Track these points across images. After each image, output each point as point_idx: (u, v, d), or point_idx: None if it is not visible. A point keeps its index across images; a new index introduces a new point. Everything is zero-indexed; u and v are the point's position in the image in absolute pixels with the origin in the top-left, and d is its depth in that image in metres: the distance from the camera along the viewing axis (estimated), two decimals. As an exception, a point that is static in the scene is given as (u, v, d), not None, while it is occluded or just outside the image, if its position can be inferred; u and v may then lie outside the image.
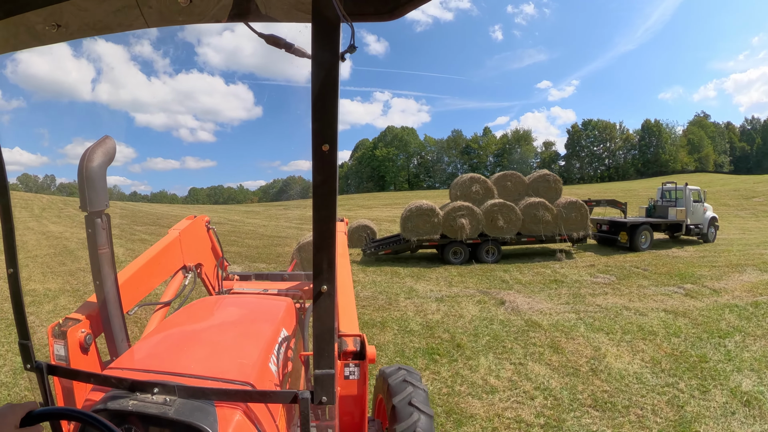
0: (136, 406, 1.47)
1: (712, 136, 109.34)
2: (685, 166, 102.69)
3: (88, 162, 1.98)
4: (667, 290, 10.36)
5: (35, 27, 1.40)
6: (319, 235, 1.26)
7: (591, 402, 5.09)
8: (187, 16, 1.30)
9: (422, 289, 10.85)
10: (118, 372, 1.76)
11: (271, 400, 1.58)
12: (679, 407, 4.96)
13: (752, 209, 36.04)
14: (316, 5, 1.07)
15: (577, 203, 15.48)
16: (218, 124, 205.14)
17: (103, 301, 2.15)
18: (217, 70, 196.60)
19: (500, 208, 14.63)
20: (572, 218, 15.35)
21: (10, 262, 1.74)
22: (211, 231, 3.90)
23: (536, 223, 14.90)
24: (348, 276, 3.16)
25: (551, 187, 15.81)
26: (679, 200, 18.37)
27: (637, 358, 6.34)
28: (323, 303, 1.31)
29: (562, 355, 6.47)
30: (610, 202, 18.35)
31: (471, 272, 12.96)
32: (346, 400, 2.09)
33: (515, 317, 8.34)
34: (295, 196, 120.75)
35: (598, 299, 9.65)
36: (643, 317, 8.24)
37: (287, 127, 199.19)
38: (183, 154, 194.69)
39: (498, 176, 16.15)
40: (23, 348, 1.77)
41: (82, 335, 2.20)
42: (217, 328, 2.47)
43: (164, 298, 3.15)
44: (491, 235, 14.52)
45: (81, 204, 1.99)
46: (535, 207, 14.95)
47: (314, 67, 1.11)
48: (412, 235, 14.30)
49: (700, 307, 8.80)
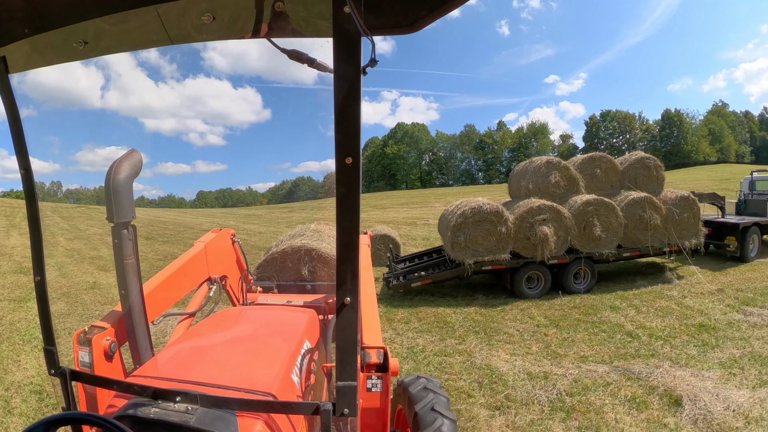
0: (157, 413, 1.50)
1: (732, 126, 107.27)
2: (707, 156, 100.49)
3: (115, 174, 2.04)
4: None
5: (63, 44, 1.49)
6: (342, 247, 1.26)
7: None
8: (210, 34, 1.36)
9: (508, 367, 6.01)
10: (140, 380, 1.79)
11: (292, 411, 1.59)
12: None
13: None
14: (337, 20, 1.09)
15: (688, 198, 10.74)
16: (228, 127, 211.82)
17: (128, 310, 2.19)
18: (225, 74, 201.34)
19: (596, 208, 9.87)
20: (684, 220, 10.64)
21: (37, 270, 1.79)
22: (236, 244, 3.97)
23: (642, 230, 10.11)
24: (371, 288, 3.14)
25: (652, 176, 10.96)
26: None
27: None
28: (346, 315, 1.31)
29: None
30: (711, 196, 14.03)
31: (566, 315, 8.21)
32: (369, 412, 2.08)
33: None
34: (303, 197, 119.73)
35: None
36: None
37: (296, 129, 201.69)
38: (193, 158, 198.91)
39: (583, 160, 11.14)
40: (48, 353, 1.82)
41: (107, 343, 2.23)
42: (240, 338, 2.49)
43: (189, 309, 3.17)
44: (584, 251, 9.87)
45: (108, 215, 2.05)
46: (640, 205, 10.18)
47: (336, 81, 1.13)
48: (468, 256, 9.35)
49: None
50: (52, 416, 1.28)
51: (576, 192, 10.24)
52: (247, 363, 2.01)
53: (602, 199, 9.74)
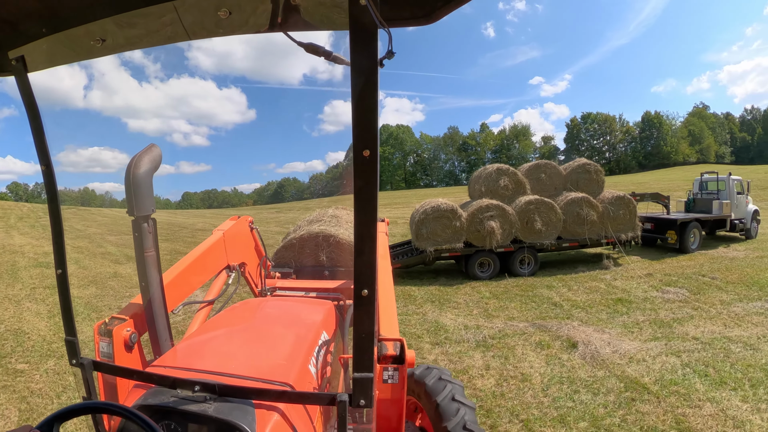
0: (176, 402, 1.53)
1: (712, 127, 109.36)
2: (686, 157, 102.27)
3: (135, 169, 2.05)
4: (756, 307, 8.48)
5: (81, 42, 1.51)
6: (360, 239, 1.26)
7: None
8: (227, 28, 1.36)
9: (452, 323, 7.90)
10: (159, 370, 1.80)
11: (309, 401, 1.66)
12: None
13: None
14: (353, 12, 1.09)
15: (624, 198, 12.68)
16: (212, 128, 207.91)
17: (149, 301, 2.21)
18: (209, 74, 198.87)
19: (537, 206, 11.73)
20: (620, 216, 12.54)
21: (59, 264, 1.85)
22: (254, 231, 3.99)
23: (579, 224, 12.04)
24: (389, 278, 3.08)
25: (592, 179, 12.95)
26: (721, 192, 16.48)
27: None
28: (364, 306, 1.32)
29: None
30: (654, 196, 15.83)
31: (507, 291, 10.14)
32: (384, 403, 2.08)
33: (602, 372, 5.62)
34: (290, 198, 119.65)
35: (688, 327, 7.36)
36: (758, 353, 6.28)
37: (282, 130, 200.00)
38: (177, 158, 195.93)
39: (530, 167, 13.17)
40: (69, 344, 1.87)
41: (127, 334, 2.26)
42: (258, 329, 2.51)
43: (208, 297, 3.17)
44: (527, 241, 11.63)
45: (128, 209, 2.07)
46: (578, 204, 12.08)
47: (353, 74, 1.13)
48: (429, 245, 11.31)
49: None
50: (72, 405, 1.31)
51: (523, 193, 12.14)
52: (264, 354, 2.05)
53: (542, 199, 11.64)
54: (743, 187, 16.76)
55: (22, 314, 9.06)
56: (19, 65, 1.57)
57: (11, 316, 8.89)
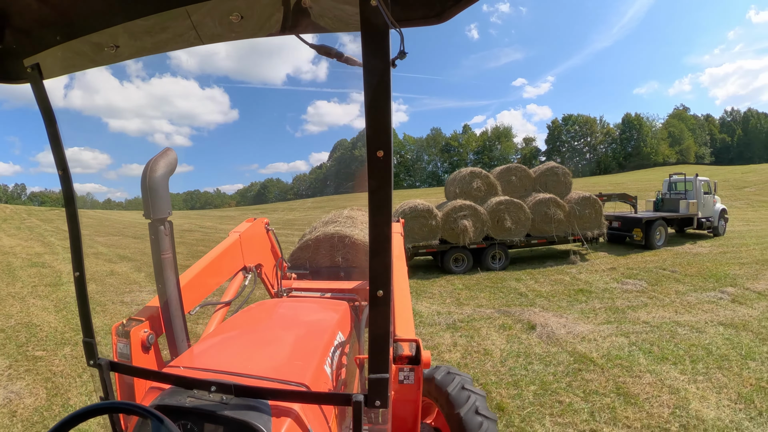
0: (192, 402, 1.54)
1: (692, 129, 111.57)
2: (666, 158, 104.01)
3: (151, 172, 2.07)
4: (709, 296, 9.21)
5: (95, 49, 1.52)
6: (375, 240, 1.26)
7: None
8: (240, 32, 1.36)
9: (426, 310, 8.79)
10: (176, 370, 1.83)
11: (325, 401, 1.68)
12: None
13: (746, 199, 36.13)
14: (365, 14, 1.09)
15: (590, 198, 13.68)
16: (194, 128, 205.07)
17: (165, 302, 2.22)
18: (192, 73, 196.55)
19: (507, 206, 12.64)
20: (586, 215, 13.54)
21: (76, 266, 1.87)
22: (270, 232, 4.02)
23: (547, 223, 13.02)
24: (404, 279, 3.07)
25: (560, 181, 13.95)
26: (689, 192, 17.40)
27: (723, 398, 5.09)
28: (379, 307, 1.32)
29: (637, 406, 4.88)
30: (621, 196, 16.84)
31: (479, 283, 11.02)
32: (400, 404, 2.06)
33: (556, 349, 6.47)
34: (273, 199, 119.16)
35: (641, 313, 8.16)
36: (702, 335, 6.95)
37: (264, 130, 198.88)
38: None
39: (501, 170, 14.13)
40: (87, 345, 1.88)
41: (145, 335, 2.28)
42: (274, 330, 2.53)
43: (225, 298, 3.21)
44: (498, 238, 12.54)
45: (145, 212, 2.09)
46: (545, 204, 13.04)
47: (366, 75, 1.13)
48: (407, 242, 12.02)
49: (756, 317, 7.76)
50: (90, 405, 1.31)
51: (494, 194, 13.09)
52: (280, 354, 2.07)
53: (512, 200, 12.59)
54: (710, 188, 17.65)
55: (29, 309, 9.45)
56: (34, 73, 1.60)
57: (19, 311, 9.31)
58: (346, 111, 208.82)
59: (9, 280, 12.52)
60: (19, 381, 5.92)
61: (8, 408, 5.21)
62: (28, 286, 11.69)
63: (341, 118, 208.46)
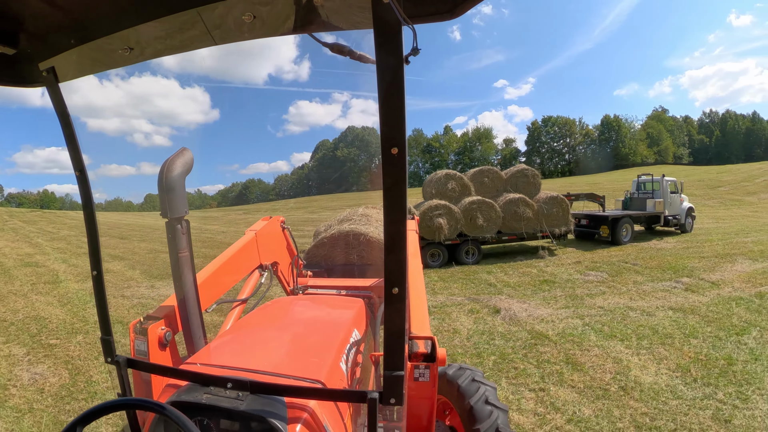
0: (209, 399, 1.54)
1: (671, 130, 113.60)
2: (644, 158, 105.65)
3: (168, 172, 2.10)
4: (665, 285, 9.95)
5: (109, 51, 1.54)
6: (390, 237, 1.26)
7: (635, 430, 4.42)
8: (253, 32, 1.37)
9: (401, 299, 9.64)
10: (193, 367, 1.83)
11: (340, 398, 1.64)
12: (727, 421, 4.52)
13: (719, 198, 37.01)
14: (377, 11, 1.09)
15: (557, 198, 14.75)
16: (174, 128, 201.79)
17: (182, 300, 2.23)
18: (172, 72, 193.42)
19: (479, 205, 13.61)
20: (553, 214, 14.62)
21: (94, 265, 1.89)
22: (286, 230, 4.03)
23: (517, 221, 14.06)
24: (420, 276, 3.09)
25: (530, 182, 15.02)
26: (656, 192, 18.35)
27: (663, 367, 5.77)
28: (394, 305, 1.32)
29: (583, 372, 5.67)
30: (589, 196, 17.84)
31: (453, 276, 11.92)
32: (415, 401, 2.09)
33: (516, 328, 7.37)
34: (254, 200, 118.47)
35: (598, 300, 9.00)
36: (652, 317, 7.70)
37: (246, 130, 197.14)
38: (138, 159, 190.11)
39: (474, 172, 15.15)
40: (105, 343, 1.92)
41: (162, 332, 2.33)
42: (290, 327, 2.52)
43: (241, 296, 3.24)
44: (471, 235, 13.50)
45: (162, 211, 2.11)
46: (515, 203, 14.08)
47: (379, 72, 1.13)
48: None
49: (706, 303, 8.45)
50: (108, 401, 1.34)
51: (468, 195, 14.07)
52: (296, 351, 2.06)
53: (484, 199, 13.60)
54: (677, 187, 18.58)
55: (34, 305, 9.75)
56: (50, 76, 1.62)
57: (24, 306, 9.62)
58: (328, 111, 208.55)
59: (6, 279, 12.75)
60: (40, 365, 6.36)
61: (36, 386, 5.68)
62: (27, 284, 11.94)
63: (323, 119, 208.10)
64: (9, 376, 6.05)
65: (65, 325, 8.28)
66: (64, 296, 10.62)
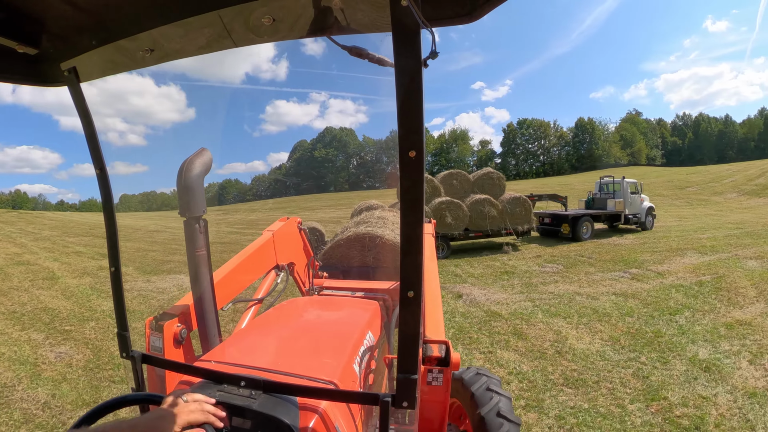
0: (222, 396, 1.52)
1: (644, 132, 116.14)
2: (618, 160, 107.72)
3: (187, 172, 2.14)
4: (613, 275, 10.92)
5: (130, 52, 1.52)
6: (406, 240, 1.26)
7: (563, 381, 5.33)
8: (272, 35, 1.34)
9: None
10: (207, 364, 1.84)
11: (353, 400, 1.65)
12: (645, 378, 5.30)
13: (686, 198, 38.18)
14: (395, 14, 1.07)
15: (520, 198, 16.08)
16: (149, 126, 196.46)
17: (199, 298, 2.26)
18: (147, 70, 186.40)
19: (448, 205, 14.79)
20: (517, 213, 15.93)
21: (112, 261, 1.92)
22: (302, 232, 4.06)
23: (483, 219, 15.30)
24: (435, 280, 3.04)
25: (495, 184, 16.35)
26: (616, 192, 19.49)
27: (596, 338, 6.68)
28: (409, 308, 1.32)
29: (527, 340, 6.71)
30: (552, 197, 19.15)
31: (423, 269, 13.05)
32: (428, 405, 2.03)
33: (475, 309, 8.50)
34: (231, 200, 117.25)
35: (550, 287, 10.05)
36: (596, 301, 8.65)
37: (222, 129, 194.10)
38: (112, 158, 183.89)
39: (444, 175, 16.39)
40: (121, 338, 1.94)
41: (178, 329, 2.32)
42: (304, 328, 2.58)
43: (257, 296, 3.26)
44: (440, 232, 14.61)
45: (180, 210, 2.15)
46: (481, 203, 15.33)
47: (398, 75, 1.12)
48: None
49: (648, 289, 9.36)
50: (122, 396, 1.38)
51: (438, 196, 15.32)
52: (310, 351, 2.09)
53: (452, 200, 14.82)
54: (637, 188, 19.85)
55: (39, 298, 10.05)
56: (71, 76, 1.64)
57: (30, 300, 9.90)
58: (305, 111, 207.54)
59: (3, 277, 12.90)
60: (62, 345, 6.88)
61: (64, 362, 6.20)
62: (25, 281, 12.17)
63: (300, 119, 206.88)
64: (36, 356, 6.52)
65: (75, 314, 8.73)
66: (66, 290, 11.01)
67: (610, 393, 5.00)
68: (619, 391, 5.04)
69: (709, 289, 9.19)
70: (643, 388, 5.07)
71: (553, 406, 4.74)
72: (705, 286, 9.36)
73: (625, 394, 4.97)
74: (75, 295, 10.52)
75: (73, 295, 10.54)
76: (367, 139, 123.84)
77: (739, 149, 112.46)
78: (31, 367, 6.13)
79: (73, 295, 10.53)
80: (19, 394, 5.34)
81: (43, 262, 15.79)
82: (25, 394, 5.33)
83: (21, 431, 4.50)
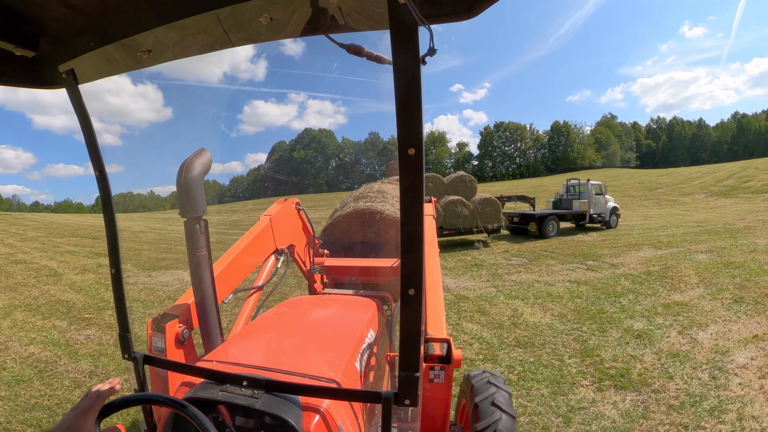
0: (224, 396, 1.54)
1: (619, 135, 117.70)
2: (593, 162, 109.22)
3: (186, 172, 2.09)
4: (571, 267, 12.06)
5: (128, 54, 1.53)
6: (407, 238, 1.26)
7: (515, 343, 6.39)
8: (270, 34, 1.35)
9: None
10: (209, 364, 1.85)
11: (355, 398, 1.65)
12: (583, 342, 6.30)
13: (655, 199, 39.38)
14: (393, 11, 1.08)
15: (490, 199, 17.43)
16: (125, 126, 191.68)
17: (200, 298, 2.21)
18: None
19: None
20: (487, 212, 17.27)
21: (113, 263, 1.96)
22: (301, 212, 3.94)
23: (456, 218, 16.47)
24: (437, 269, 3.00)
25: (467, 186, 17.56)
26: (582, 194, 20.85)
27: (548, 314, 7.74)
28: (411, 306, 1.33)
29: (488, 316, 7.80)
30: (520, 198, 20.54)
31: (400, 263, 14.14)
32: (430, 403, 2.03)
33: (446, 293, 9.53)
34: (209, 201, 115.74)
35: (513, 276, 11.18)
36: (551, 287, 9.71)
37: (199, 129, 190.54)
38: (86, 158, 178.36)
39: (420, 178, 17.63)
40: (123, 339, 1.95)
41: (179, 329, 2.30)
42: (306, 327, 2.57)
43: (257, 283, 3.23)
44: None
45: (180, 211, 2.10)
46: (454, 204, 16.52)
47: (396, 73, 1.13)
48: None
49: (599, 277, 10.40)
50: (125, 396, 1.34)
51: (415, 197, 16.61)
52: (312, 350, 2.08)
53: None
54: (602, 190, 21.29)
55: (50, 292, 10.35)
56: (69, 78, 1.64)
57: (41, 294, 10.20)
58: (283, 111, 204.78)
59: (5, 275, 12.95)
60: (87, 330, 7.36)
61: (93, 342, 6.77)
62: (30, 278, 12.36)
63: (278, 119, 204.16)
64: (65, 338, 7.00)
65: (90, 305, 9.16)
66: (73, 285, 11.38)
67: (553, 352, 6.01)
68: (560, 350, 6.05)
69: (656, 277, 10.10)
70: (581, 349, 6.06)
71: (506, 359, 5.88)
72: (652, 275, 10.29)
73: (565, 352, 5.97)
74: (84, 289, 10.95)
75: (81, 289, 10.98)
76: (346, 141, 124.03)
77: (712, 152, 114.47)
78: (66, 347, 6.61)
79: (82, 289, 10.98)
80: (63, 367, 5.87)
81: (40, 261, 15.93)
82: (69, 367, 5.88)
83: (75, 393, 5.17)
